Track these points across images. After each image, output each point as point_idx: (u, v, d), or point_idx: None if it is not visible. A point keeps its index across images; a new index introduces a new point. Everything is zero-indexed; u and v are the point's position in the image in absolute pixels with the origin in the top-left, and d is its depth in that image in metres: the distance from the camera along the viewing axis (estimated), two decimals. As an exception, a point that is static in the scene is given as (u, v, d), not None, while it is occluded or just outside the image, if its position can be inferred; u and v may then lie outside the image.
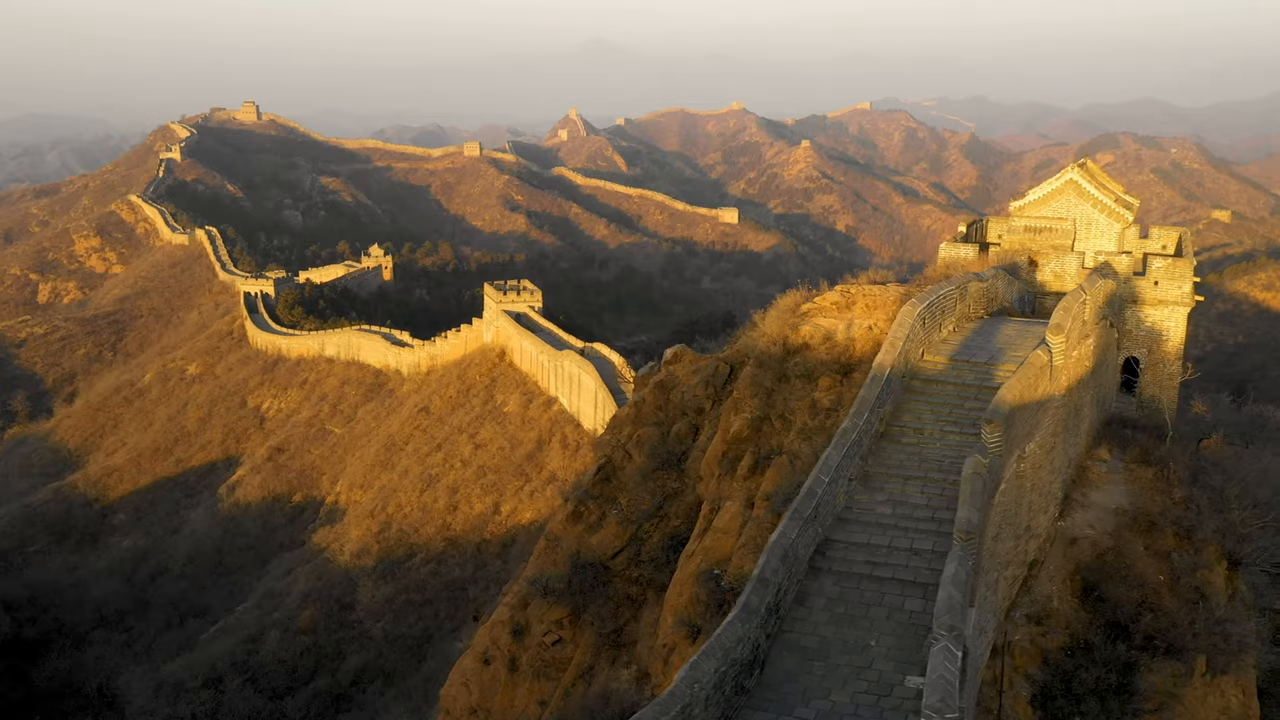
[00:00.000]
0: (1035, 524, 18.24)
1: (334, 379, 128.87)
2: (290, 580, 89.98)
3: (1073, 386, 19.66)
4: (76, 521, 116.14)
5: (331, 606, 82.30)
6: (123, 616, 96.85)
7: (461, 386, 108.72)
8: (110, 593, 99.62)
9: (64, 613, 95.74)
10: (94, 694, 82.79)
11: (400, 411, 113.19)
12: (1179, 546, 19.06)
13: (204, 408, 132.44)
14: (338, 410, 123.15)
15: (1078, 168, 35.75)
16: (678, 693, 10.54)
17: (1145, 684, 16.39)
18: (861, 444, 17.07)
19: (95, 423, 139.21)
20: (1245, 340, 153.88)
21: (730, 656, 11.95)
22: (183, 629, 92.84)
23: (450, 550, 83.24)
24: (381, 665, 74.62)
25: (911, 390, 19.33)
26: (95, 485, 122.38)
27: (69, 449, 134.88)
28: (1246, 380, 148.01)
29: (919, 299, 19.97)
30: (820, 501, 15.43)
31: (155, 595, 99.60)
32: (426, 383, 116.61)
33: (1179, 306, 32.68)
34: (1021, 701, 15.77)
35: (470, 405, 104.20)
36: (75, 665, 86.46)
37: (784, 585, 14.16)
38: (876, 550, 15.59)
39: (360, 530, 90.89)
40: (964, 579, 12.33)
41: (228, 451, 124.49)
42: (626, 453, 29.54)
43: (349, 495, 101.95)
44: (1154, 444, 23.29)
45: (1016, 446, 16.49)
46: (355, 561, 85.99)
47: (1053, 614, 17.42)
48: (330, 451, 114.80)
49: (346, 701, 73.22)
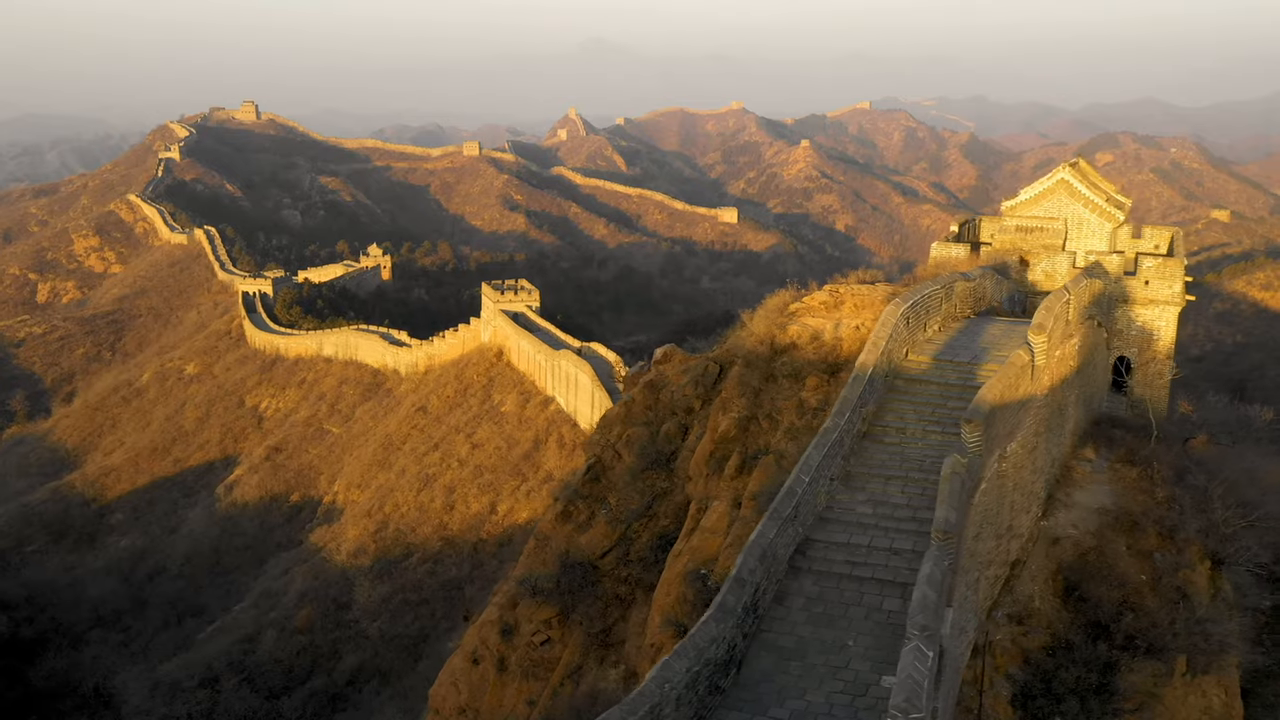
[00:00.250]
0: (1018, 523, 18.22)
1: (332, 379, 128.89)
2: (287, 580, 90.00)
3: (1056, 386, 19.64)
4: (74, 521, 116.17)
5: (328, 606, 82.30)
6: (120, 616, 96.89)
7: (459, 386, 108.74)
8: (107, 592, 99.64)
9: (61, 612, 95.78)
10: (90, 694, 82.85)
11: (398, 411, 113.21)
12: (1161, 546, 19.05)
13: (202, 407, 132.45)
14: (335, 410, 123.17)
15: (1069, 167, 35.76)
16: (647, 692, 10.53)
17: (1126, 684, 16.38)
18: (843, 444, 17.06)
19: (93, 422, 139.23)
20: (1244, 340, 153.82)
21: (704, 656, 11.95)
22: (180, 628, 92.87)
23: (447, 550, 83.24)
24: (378, 665, 74.63)
25: (895, 390, 19.31)
26: (93, 485, 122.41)
27: (67, 448, 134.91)
28: (1245, 379, 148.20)
29: (902, 299, 19.96)
30: (800, 501, 15.42)
31: (153, 595, 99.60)
32: (424, 382, 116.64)
33: (1170, 306, 32.67)
34: (1002, 701, 15.77)
35: (468, 405, 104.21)
36: (72, 665, 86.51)
37: (762, 585, 14.16)
38: (856, 550, 15.58)
39: (357, 530, 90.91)
40: (939, 579, 12.32)
41: (225, 451, 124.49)
42: (616, 452, 29.54)
43: (346, 495, 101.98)
44: (1140, 444, 23.27)
45: (997, 446, 16.47)
46: (352, 561, 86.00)
47: (1034, 614, 17.41)
48: (328, 451, 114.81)
49: (343, 701, 73.25)
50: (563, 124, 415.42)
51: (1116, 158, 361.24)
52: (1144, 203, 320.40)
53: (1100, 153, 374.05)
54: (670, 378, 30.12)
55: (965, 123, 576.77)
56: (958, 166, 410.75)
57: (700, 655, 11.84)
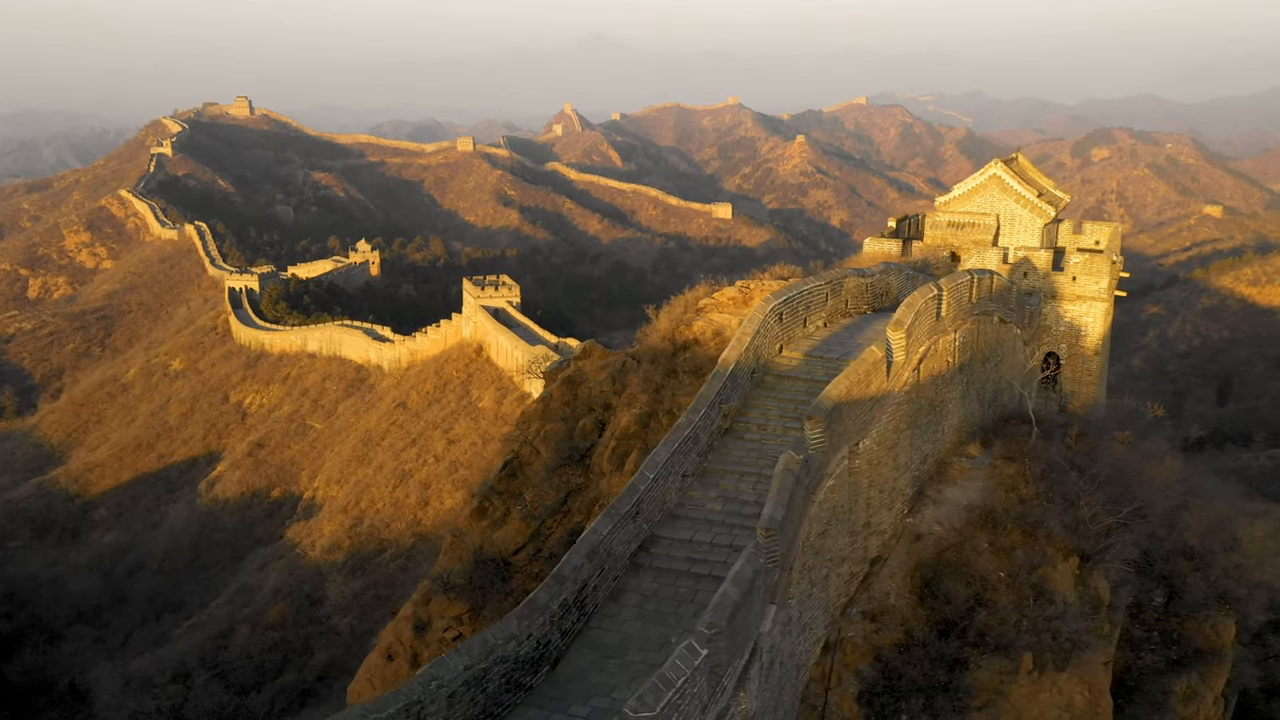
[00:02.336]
0: (878, 520, 18.18)
1: (315, 374, 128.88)
2: (263, 576, 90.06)
3: (923, 383, 19.55)
4: (58, 517, 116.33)
5: (301, 602, 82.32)
6: (99, 612, 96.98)
7: (438, 382, 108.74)
8: (88, 588, 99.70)
9: (41, 608, 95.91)
10: (65, 690, 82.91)
11: (379, 407, 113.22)
12: (1023, 543, 18.99)
13: (186, 403, 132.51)
14: (318, 405, 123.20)
15: (1001, 163, 35.71)
16: (404, 691, 10.49)
17: (973, 681, 16.34)
18: (699, 440, 17.02)
19: (79, 418, 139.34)
20: (1231, 336, 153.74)
21: (495, 654, 11.90)
22: (158, 624, 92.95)
23: (420, 545, 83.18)
24: (347, 660, 74.45)
25: (765, 386, 19.26)
26: (77, 481, 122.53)
27: (52, 444, 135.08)
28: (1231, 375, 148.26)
29: (774, 295, 19.90)
30: (643, 498, 15.39)
31: (132, 591, 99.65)
32: (406, 378, 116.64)
33: (1097, 302, 32.64)
34: (848, 698, 15.75)
35: (446, 401, 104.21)
36: (49, 661, 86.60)
37: (592, 582, 14.13)
38: (699, 547, 15.57)
39: (333, 525, 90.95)
40: (749, 577, 12.28)
41: (209, 447, 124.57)
42: (534, 448, 29.57)
43: (325, 490, 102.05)
44: (1024, 440, 23.19)
45: (845, 442, 16.43)
46: (326, 557, 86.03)
47: (889, 610, 17.37)
48: (310, 447, 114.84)
49: (312, 696, 73.21)
50: (558, 119, 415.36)
51: (1112, 153, 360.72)
52: (1139, 199, 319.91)
53: (1096, 148, 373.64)
54: (589, 374, 30.13)
55: (963, 118, 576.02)
56: (954, 162, 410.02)
57: (490, 653, 11.81)
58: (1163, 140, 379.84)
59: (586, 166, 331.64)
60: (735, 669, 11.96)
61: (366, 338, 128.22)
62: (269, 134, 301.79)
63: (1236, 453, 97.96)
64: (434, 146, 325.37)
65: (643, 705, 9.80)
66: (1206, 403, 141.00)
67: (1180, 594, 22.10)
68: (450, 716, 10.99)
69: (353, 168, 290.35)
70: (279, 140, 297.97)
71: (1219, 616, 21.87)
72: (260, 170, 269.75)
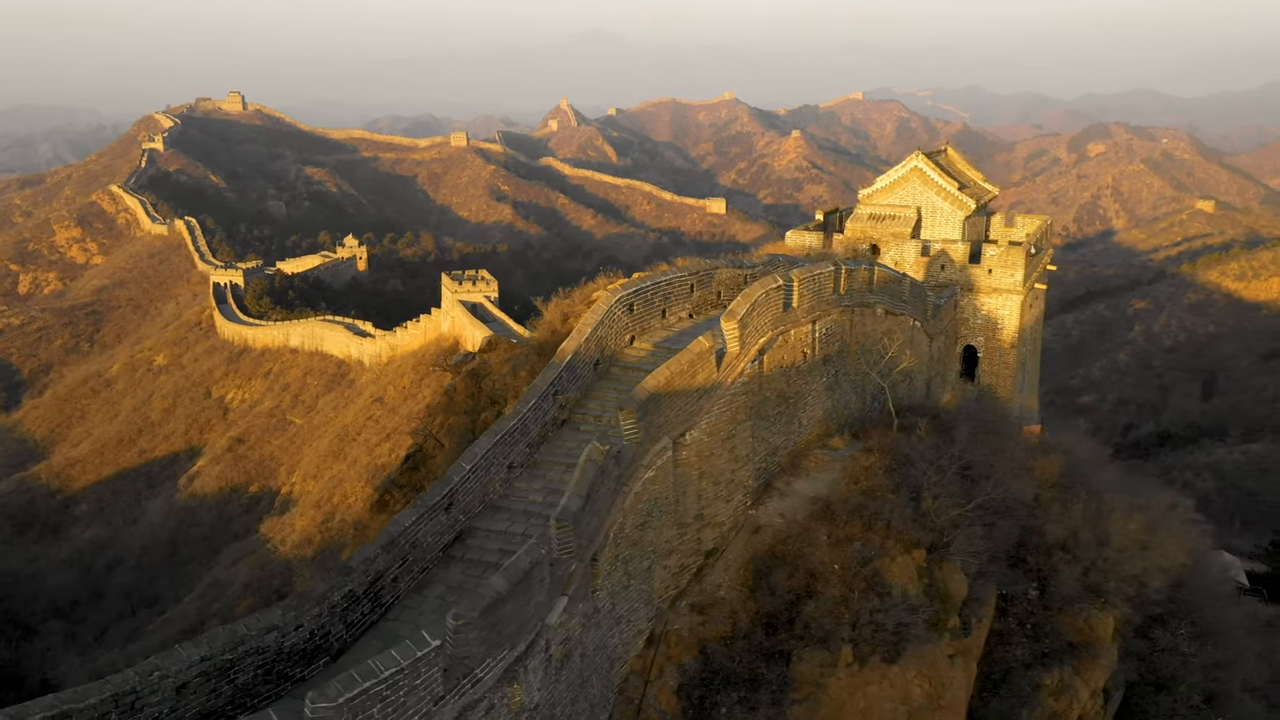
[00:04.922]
0: (713, 512, 18.06)
1: (297, 369, 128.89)
2: (235, 571, 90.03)
3: (768, 375, 19.41)
4: (39, 512, 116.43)
5: (270, 597, 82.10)
6: (76, 607, 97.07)
7: (415, 377, 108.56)
8: (66, 584, 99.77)
9: (18, 604, 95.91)
10: (37, 686, 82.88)
11: (357, 402, 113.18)
12: (862, 535, 18.86)
13: (169, 398, 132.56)
14: (299, 400, 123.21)
15: (923, 155, 35.58)
16: (114, 679, 10.40)
17: (794, 673, 16.23)
18: (529, 431, 16.91)
19: (62, 413, 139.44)
20: (1217, 331, 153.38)
21: (246, 645, 11.82)
22: (134, 619, 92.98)
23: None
24: (313, 655, 74.68)
25: (610, 377, 19.15)
26: (59, 476, 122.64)
27: (35, 439, 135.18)
28: (1216, 370, 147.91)
29: (622, 287, 19.79)
30: (457, 490, 15.29)
31: (110, 586, 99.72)
32: (385, 373, 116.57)
33: (1013, 295, 32.51)
34: (668, 690, 15.64)
35: (421, 395, 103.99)
36: (22, 656, 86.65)
37: (391, 573, 14.04)
38: (512, 539, 15.48)
39: (305, 520, 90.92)
40: (525, 567, 12.18)
41: (190, 442, 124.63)
42: (438, 441, 29.49)
43: (302, 485, 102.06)
44: (884, 432, 23.01)
45: (665, 434, 16.31)
46: (296, 552, 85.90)
47: (718, 603, 17.25)
48: (289, 442, 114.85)
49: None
50: (554, 114, 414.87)
51: (1108, 148, 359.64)
52: (1134, 194, 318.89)
53: (1092, 143, 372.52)
54: (494, 366, 30.02)
55: (960, 113, 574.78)
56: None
57: (238, 644, 11.73)
58: (1159, 135, 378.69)
59: (581, 161, 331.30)
60: (502, 660, 11.86)
61: (348, 333, 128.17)
62: (262, 129, 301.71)
63: (1211, 447, 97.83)
64: (428, 142, 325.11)
65: (322, 696, 9.64)
66: (1191, 397, 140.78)
67: (1053, 588, 21.97)
68: (181, 707, 10.90)
69: (346, 163, 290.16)
70: (272, 135, 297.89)
71: (1093, 610, 21.73)
72: (253, 165, 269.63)
